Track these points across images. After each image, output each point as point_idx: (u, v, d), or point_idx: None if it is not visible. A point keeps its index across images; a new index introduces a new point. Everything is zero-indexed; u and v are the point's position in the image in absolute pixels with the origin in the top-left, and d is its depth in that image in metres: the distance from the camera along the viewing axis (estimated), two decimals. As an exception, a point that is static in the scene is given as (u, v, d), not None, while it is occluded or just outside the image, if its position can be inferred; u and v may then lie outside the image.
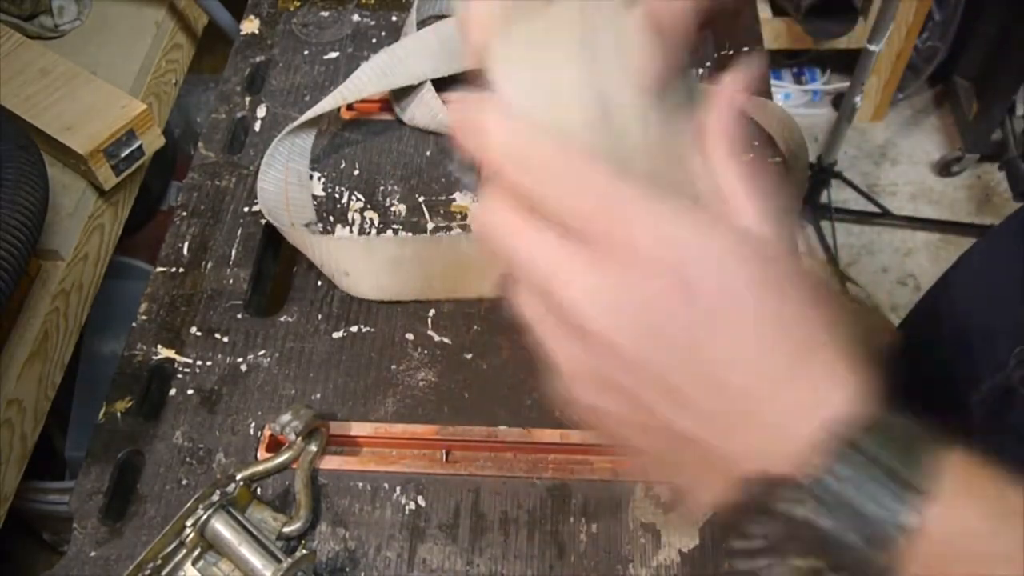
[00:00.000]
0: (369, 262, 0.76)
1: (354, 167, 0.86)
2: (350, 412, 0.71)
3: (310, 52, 0.96)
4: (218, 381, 0.73)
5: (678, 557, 0.63)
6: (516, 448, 0.68)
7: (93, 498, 0.67)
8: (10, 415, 0.84)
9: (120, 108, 0.92)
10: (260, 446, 0.69)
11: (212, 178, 0.86)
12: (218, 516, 0.60)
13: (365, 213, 0.83)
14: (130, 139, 0.91)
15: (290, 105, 0.91)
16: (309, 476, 0.65)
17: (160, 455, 0.69)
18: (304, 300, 0.77)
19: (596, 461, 0.67)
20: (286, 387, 0.72)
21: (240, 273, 0.79)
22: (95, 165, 0.90)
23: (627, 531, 0.64)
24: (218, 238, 0.81)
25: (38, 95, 0.93)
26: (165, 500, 0.67)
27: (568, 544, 0.64)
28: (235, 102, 0.92)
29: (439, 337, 0.74)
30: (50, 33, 1.05)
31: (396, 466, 0.68)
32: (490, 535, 0.64)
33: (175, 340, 0.75)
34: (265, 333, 0.75)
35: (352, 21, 0.98)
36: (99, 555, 0.64)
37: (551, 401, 0.36)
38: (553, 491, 0.66)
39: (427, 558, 0.64)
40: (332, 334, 0.75)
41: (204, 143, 0.88)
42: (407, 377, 0.72)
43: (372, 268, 0.75)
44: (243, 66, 0.95)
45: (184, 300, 0.78)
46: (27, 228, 0.77)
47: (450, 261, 0.77)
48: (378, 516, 0.66)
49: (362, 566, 0.63)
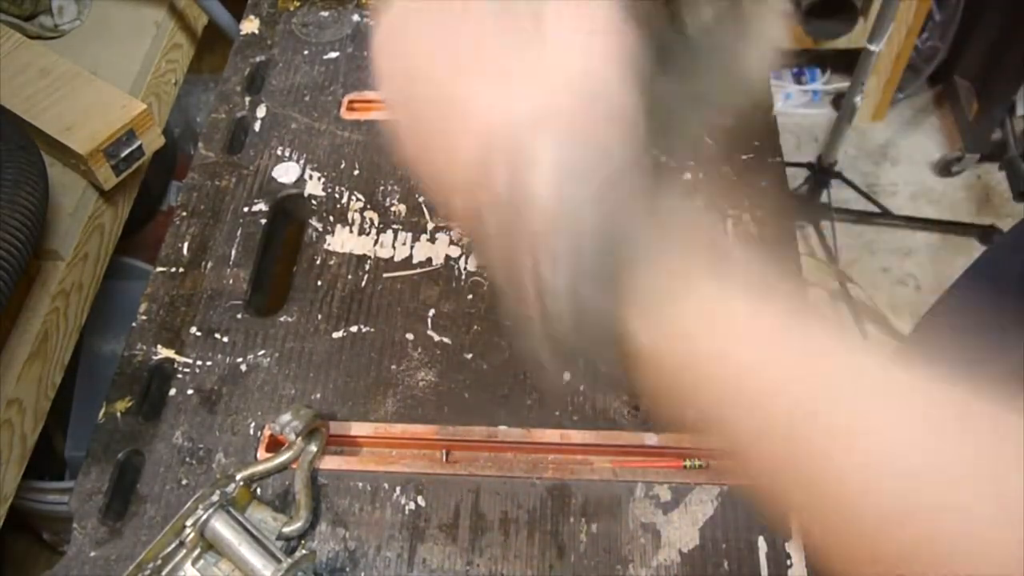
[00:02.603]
0: None
1: (354, 167, 0.86)
2: (350, 412, 0.71)
3: (310, 52, 0.96)
4: (218, 381, 0.73)
5: (678, 557, 0.63)
6: (516, 448, 0.68)
7: (93, 498, 0.67)
8: (10, 415, 0.84)
9: (120, 108, 0.92)
10: (260, 446, 0.69)
11: (212, 178, 0.86)
12: (218, 516, 0.59)
13: (365, 213, 0.83)
14: (130, 139, 0.91)
15: (290, 105, 0.91)
16: (309, 476, 0.65)
17: (160, 455, 0.69)
18: (304, 300, 0.77)
19: (596, 461, 0.68)
20: (286, 387, 0.72)
21: (240, 273, 0.79)
22: (95, 165, 0.90)
23: (627, 531, 0.64)
24: (218, 238, 0.81)
25: (38, 95, 0.93)
26: (165, 500, 0.67)
27: (568, 544, 0.64)
28: (235, 102, 0.92)
29: (439, 337, 0.74)
30: (50, 33, 1.05)
31: (396, 466, 0.68)
32: (490, 535, 0.64)
33: (175, 340, 0.75)
34: (265, 333, 0.75)
35: (352, 21, 0.98)
36: (99, 555, 0.64)
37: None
38: (553, 491, 0.66)
39: (427, 558, 0.64)
40: (332, 334, 0.75)
41: (204, 143, 0.88)
42: (407, 377, 0.72)
43: None
44: (243, 66, 0.95)
45: (184, 300, 0.78)
46: (27, 228, 0.77)
47: None
48: (378, 516, 0.66)
49: (362, 566, 0.63)
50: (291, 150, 0.87)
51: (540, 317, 0.33)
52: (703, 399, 0.33)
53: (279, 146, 0.88)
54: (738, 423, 0.32)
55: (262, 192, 0.84)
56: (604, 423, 0.69)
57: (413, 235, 0.81)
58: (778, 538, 0.63)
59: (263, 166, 0.86)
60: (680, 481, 0.66)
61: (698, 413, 0.33)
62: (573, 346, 0.34)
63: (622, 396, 0.70)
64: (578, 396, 0.70)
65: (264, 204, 0.84)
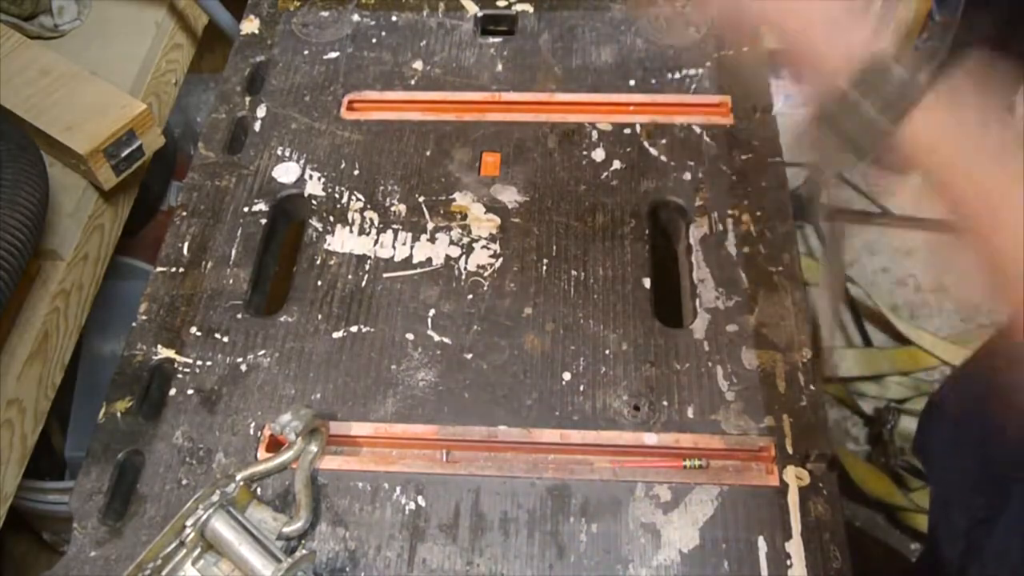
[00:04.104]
0: None
1: (354, 167, 0.86)
2: (350, 412, 0.71)
3: (310, 52, 0.96)
4: (218, 381, 0.73)
5: (678, 557, 0.63)
6: (516, 448, 0.68)
7: (93, 498, 0.67)
8: (10, 415, 0.84)
9: (120, 108, 0.91)
10: (260, 446, 0.69)
11: (212, 178, 0.86)
12: (218, 516, 0.59)
13: (365, 213, 0.83)
14: (130, 139, 0.91)
15: (290, 105, 0.91)
16: (309, 476, 0.65)
17: (160, 455, 0.69)
18: (304, 300, 0.77)
19: (596, 461, 0.68)
20: (286, 387, 0.72)
21: (240, 273, 0.79)
22: (95, 165, 0.89)
23: (627, 531, 0.64)
24: (218, 238, 0.81)
25: (38, 95, 0.92)
26: (165, 500, 0.67)
27: (568, 544, 0.64)
28: (235, 102, 0.92)
29: (439, 337, 0.74)
30: (50, 33, 1.05)
31: (396, 466, 0.68)
32: (490, 535, 0.64)
33: (175, 340, 0.75)
34: (265, 333, 0.75)
35: (352, 21, 0.98)
36: (99, 555, 0.64)
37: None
38: (553, 491, 0.66)
39: (427, 558, 0.64)
40: (332, 334, 0.75)
41: (204, 143, 0.88)
42: (407, 377, 0.72)
43: None
44: (243, 66, 0.95)
45: (184, 300, 0.78)
46: (27, 228, 0.76)
47: None
48: (378, 516, 0.66)
49: (362, 566, 0.63)
50: (291, 150, 0.87)
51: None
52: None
53: (279, 146, 0.88)
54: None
55: (262, 192, 0.84)
56: (604, 423, 0.69)
57: (413, 235, 0.81)
58: (778, 538, 0.63)
59: (263, 166, 0.86)
60: (680, 481, 0.66)
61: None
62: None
63: (623, 396, 0.70)
64: (578, 396, 0.70)
65: (264, 204, 0.84)
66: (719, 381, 0.71)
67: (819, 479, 0.66)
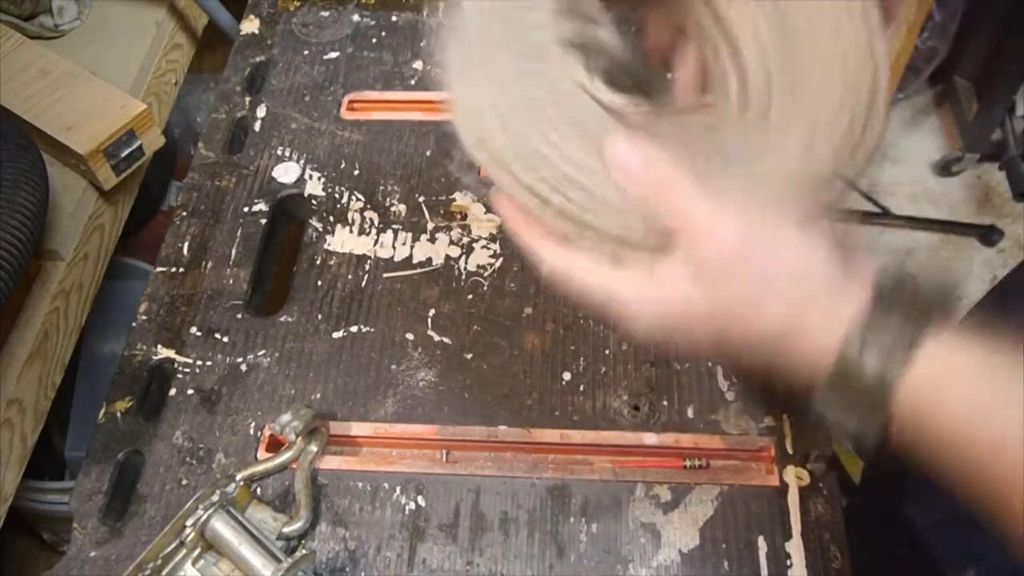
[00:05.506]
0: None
1: (354, 167, 0.86)
2: (350, 412, 0.71)
3: (310, 52, 0.96)
4: (218, 381, 0.73)
5: (678, 557, 0.63)
6: (516, 448, 0.68)
7: (93, 498, 0.67)
8: (10, 415, 0.84)
9: (120, 108, 0.91)
10: (260, 446, 0.69)
11: (212, 178, 0.86)
12: (218, 516, 0.59)
13: (365, 213, 0.83)
14: (130, 139, 0.91)
15: (290, 105, 0.91)
16: (309, 476, 0.65)
17: (160, 455, 0.69)
18: (304, 300, 0.77)
19: (596, 461, 0.68)
20: (286, 387, 0.72)
21: (240, 273, 0.79)
22: (95, 165, 0.89)
23: (627, 531, 0.64)
24: (218, 238, 0.81)
25: (38, 95, 0.92)
26: (165, 500, 0.67)
27: (568, 544, 0.64)
28: (235, 102, 0.92)
29: (439, 337, 0.74)
30: (50, 33, 1.05)
31: (396, 466, 0.68)
32: (490, 535, 0.64)
33: (175, 340, 0.75)
34: (265, 333, 0.75)
35: (352, 21, 0.98)
36: (99, 555, 0.64)
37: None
38: (553, 491, 0.66)
39: (427, 558, 0.64)
40: (332, 334, 0.75)
41: (204, 143, 0.88)
42: (407, 377, 0.72)
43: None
44: (243, 66, 0.95)
45: (184, 300, 0.78)
46: (27, 228, 0.76)
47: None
48: (378, 516, 0.66)
49: (362, 566, 0.63)
50: (291, 150, 0.87)
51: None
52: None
53: (279, 146, 0.88)
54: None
55: (262, 192, 0.84)
56: (604, 423, 0.69)
57: (413, 235, 0.81)
58: (778, 538, 0.63)
59: (263, 166, 0.86)
60: (680, 481, 0.66)
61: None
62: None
63: (623, 396, 0.70)
64: (578, 396, 0.70)
65: (264, 204, 0.84)
66: (719, 381, 0.71)
67: (819, 479, 0.66)
